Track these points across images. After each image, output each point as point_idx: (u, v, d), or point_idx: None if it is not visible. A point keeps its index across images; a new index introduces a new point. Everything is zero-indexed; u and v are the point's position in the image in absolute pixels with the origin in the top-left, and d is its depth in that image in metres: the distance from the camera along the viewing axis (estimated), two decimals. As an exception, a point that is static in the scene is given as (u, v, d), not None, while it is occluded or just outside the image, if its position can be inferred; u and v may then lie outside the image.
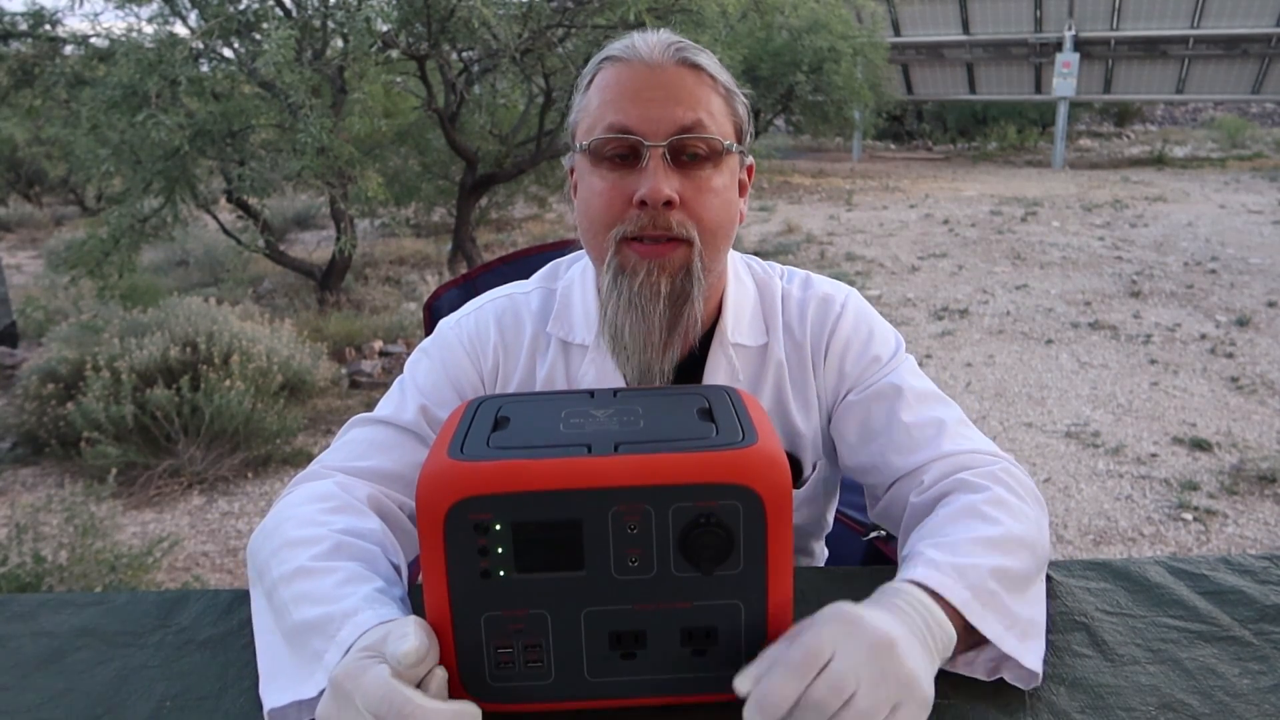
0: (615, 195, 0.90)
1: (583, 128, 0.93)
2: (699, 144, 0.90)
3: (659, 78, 0.90)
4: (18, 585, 2.30)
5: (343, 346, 4.94)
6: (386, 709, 0.57)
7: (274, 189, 5.42)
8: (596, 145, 0.90)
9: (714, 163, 0.91)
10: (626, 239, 0.90)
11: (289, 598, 0.70)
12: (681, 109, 0.89)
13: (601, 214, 0.91)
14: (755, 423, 0.68)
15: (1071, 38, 14.43)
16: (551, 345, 1.01)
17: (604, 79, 0.92)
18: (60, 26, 5.18)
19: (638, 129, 0.89)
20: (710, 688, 0.66)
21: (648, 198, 0.87)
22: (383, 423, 0.95)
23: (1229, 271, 6.84)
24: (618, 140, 0.89)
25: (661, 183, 0.87)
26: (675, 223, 0.89)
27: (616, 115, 0.89)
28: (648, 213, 0.88)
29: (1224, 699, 0.68)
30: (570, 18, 5.37)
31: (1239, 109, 20.45)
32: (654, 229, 0.89)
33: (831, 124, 13.11)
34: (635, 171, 0.89)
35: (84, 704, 0.69)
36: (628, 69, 0.91)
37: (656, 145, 0.88)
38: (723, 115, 0.92)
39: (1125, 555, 2.53)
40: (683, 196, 0.89)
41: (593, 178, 0.92)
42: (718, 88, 0.93)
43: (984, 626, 0.70)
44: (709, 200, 0.91)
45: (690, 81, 0.91)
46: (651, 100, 0.89)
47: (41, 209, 10.48)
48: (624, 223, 0.90)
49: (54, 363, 3.87)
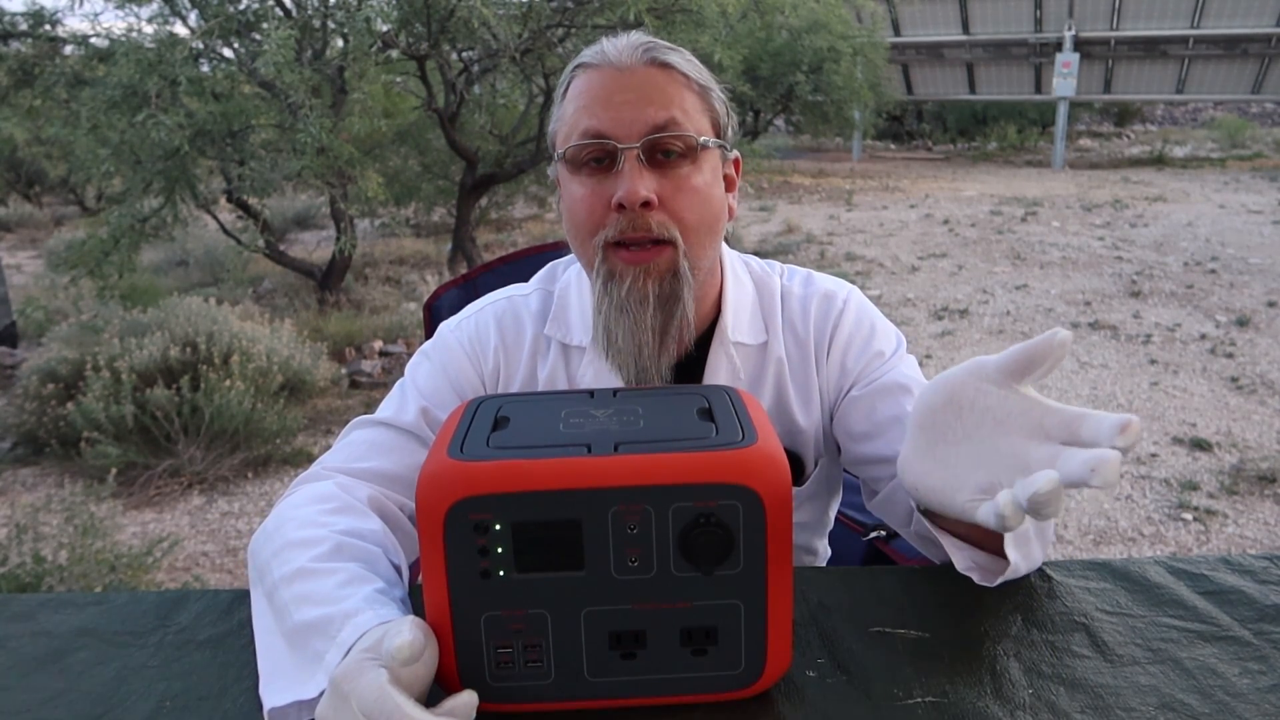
0: (595, 201, 0.90)
1: (560, 136, 0.94)
2: (673, 142, 0.90)
3: (629, 80, 0.90)
4: (18, 585, 2.30)
5: (343, 346, 4.94)
6: (378, 714, 0.57)
7: (274, 189, 5.42)
8: (573, 153, 0.91)
9: (691, 160, 0.91)
10: (611, 244, 0.90)
11: (290, 599, 0.70)
12: (653, 109, 0.89)
13: (584, 220, 0.91)
14: (755, 422, 0.68)
15: (1071, 38, 14.43)
16: (552, 347, 1.01)
17: (577, 86, 0.93)
18: (60, 26, 5.18)
19: (610, 132, 0.89)
20: (710, 687, 0.66)
21: (624, 200, 0.87)
22: (383, 424, 0.95)
23: (1229, 271, 6.84)
24: (592, 145, 0.90)
25: (637, 184, 0.87)
26: (655, 224, 0.89)
27: (590, 121, 0.90)
28: (627, 215, 0.88)
29: (1224, 699, 0.68)
30: (570, 18, 5.37)
31: (1239, 109, 20.45)
32: (634, 232, 0.89)
33: (831, 124, 13.11)
34: (612, 175, 0.89)
35: (84, 704, 0.69)
36: (598, 74, 0.91)
37: (630, 147, 0.88)
38: (697, 112, 0.92)
39: (1125, 555, 2.52)
40: (661, 196, 0.89)
41: (572, 185, 0.92)
42: (690, 85, 0.93)
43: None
44: (688, 199, 0.91)
45: (660, 80, 0.91)
46: (623, 103, 0.89)
47: (41, 209, 10.48)
48: (606, 228, 0.90)
49: (54, 363, 3.87)
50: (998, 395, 0.65)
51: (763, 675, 0.66)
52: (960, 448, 0.67)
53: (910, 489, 0.72)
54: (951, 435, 0.67)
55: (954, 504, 0.67)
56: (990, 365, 0.66)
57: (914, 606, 0.80)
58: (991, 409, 0.66)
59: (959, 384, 0.67)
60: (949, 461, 0.68)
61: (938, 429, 0.68)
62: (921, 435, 0.70)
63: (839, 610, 0.79)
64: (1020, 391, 0.65)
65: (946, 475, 0.68)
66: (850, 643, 0.74)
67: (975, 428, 0.66)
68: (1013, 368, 0.64)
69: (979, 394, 0.66)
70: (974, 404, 0.66)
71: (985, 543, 0.81)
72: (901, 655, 0.73)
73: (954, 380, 0.67)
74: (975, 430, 0.66)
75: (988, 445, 0.66)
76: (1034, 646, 0.74)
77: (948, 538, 0.81)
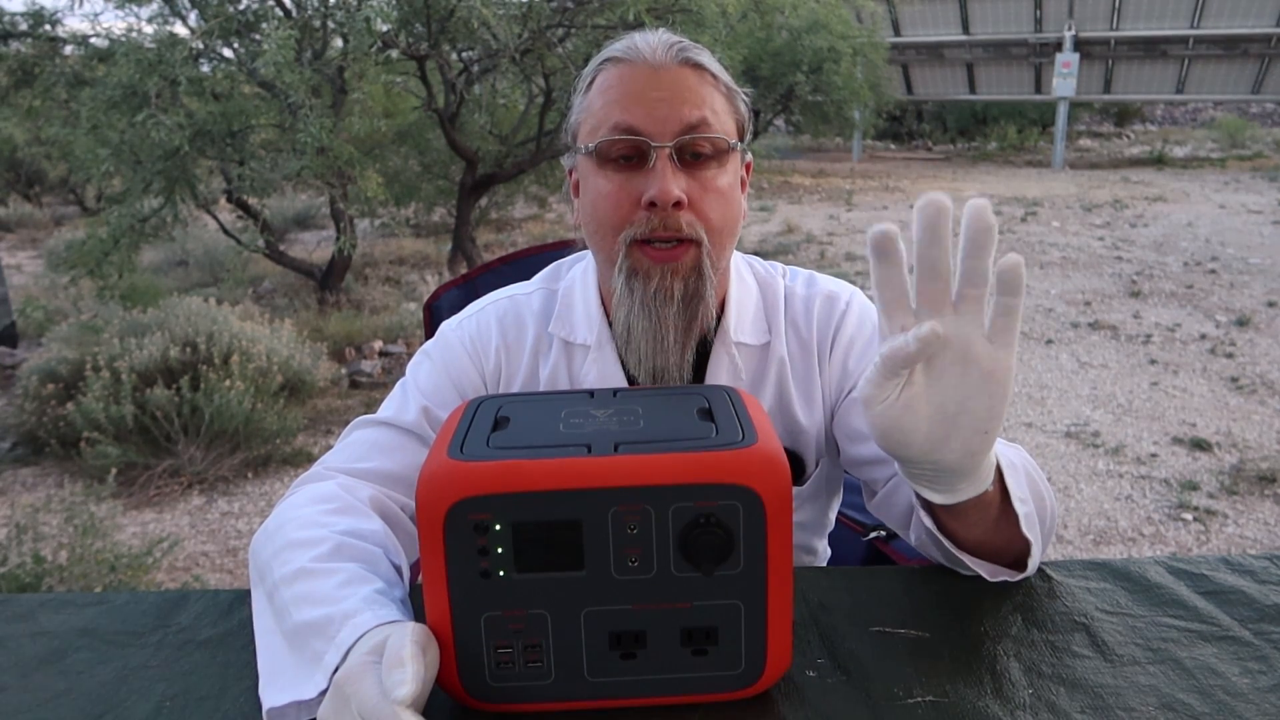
0: (623, 197, 0.90)
1: (585, 129, 0.93)
2: (704, 143, 0.90)
3: (663, 78, 0.90)
4: (18, 585, 2.30)
5: (343, 346, 4.94)
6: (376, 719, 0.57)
7: (274, 189, 5.42)
8: (603, 147, 0.90)
9: (719, 161, 0.91)
10: (637, 242, 0.90)
11: (290, 599, 0.71)
12: (687, 108, 0.89)
13: (610, 216, 0.91)
14: (755, 423, 0.68)
15: (1071, 38, 14.43)
16: (554, 346, 1.01)
17: (606, 80, 0.92)
18: (60, 26, 5.18)
19: (644, 129, 0.89)
20: (710, 688, 0.66)
21: (657, 199, 0.87)
22: (384, 424, 0.95)
23: (1229, 271, 6.84)
24: (624, 141, 0.89)
25: (670, 183, 0.87)
26: (685, 223, 0.89)
27: (622, 116, 0.89)
28: (657, 214, 0.88)
29: (1224, 699, 0.68)
30: (570, 18, 5.37)
31: (1239, 109, 20.44)
32: (664, 231, 0.89)
33: (831, 124, 13.11)
34: (642, 173, 0.89)
35: (84, 704, 0.69)
36: (630, 70, 0.91)
37: (663, 146, 0.88)
38: (725, 113, 0.93)
39: (1125, 555, 2.52)
40: (690, 197, 0.89)
41: (599, 179, 0.92)
42: (719, 86, 0.93)
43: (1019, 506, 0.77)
44: (715, 200, 0.91)
45: (694, 81, 0.91)
46: (657, 100, 0.89)
47: (41, 209, 10.48)
48: (633, 225, 0.90)
49: (54, 363, 3.87)
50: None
51: (763, 675, 0.66)
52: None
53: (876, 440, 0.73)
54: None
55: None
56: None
57: (914, 606, 0.80)
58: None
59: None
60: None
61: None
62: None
63: (839, 610, 0.79)
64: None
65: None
66: (850, 643, 0.74)
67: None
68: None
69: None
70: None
71: (990, 544, 0.81)
72: (901, 655, 0.73)
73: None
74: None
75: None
76: (1034, 646, 0.74)
77: (950, 544, 0.81)
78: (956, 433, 0.69)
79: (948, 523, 0.80)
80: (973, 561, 0.81)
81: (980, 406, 0.68)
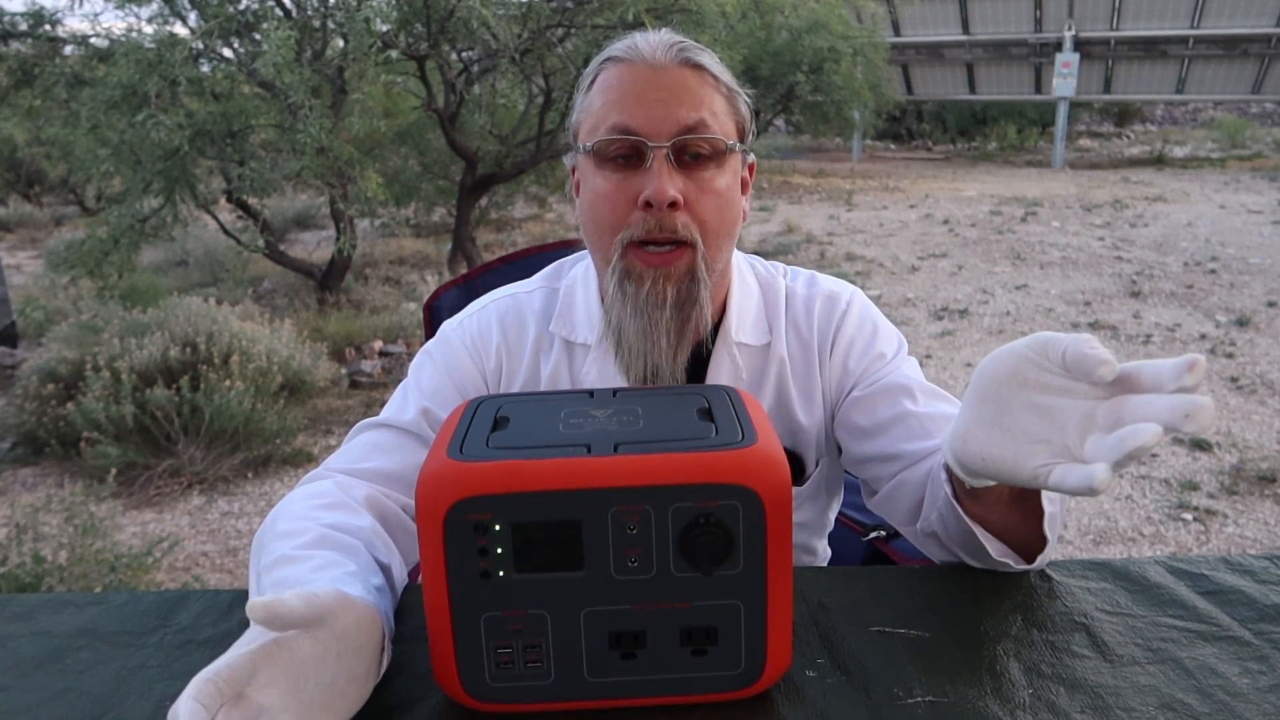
0: (620, 197, 0.90)
1: (585, 128, 0.93)
2: (702, 144, 0.90)
3: (662, 78, 0.90)
4: (18, 585, 2.30)
5: (343, 346, 4.94)
6: (264, 613, 0.57)
7: (274, 189, 5.42)
8: (600, 146, 0.90)
9: (717, 163, 0.91)
10: (633, 244, 0.90)
11: (269, 584, 0.72)
12: (685, 109, 0.89)
13: (606, 216, 0.91)
14: (755, 423, 0.68)
15: (1071, 38, 14.42)
16: (555, 345, 1.01)
17: (606, 79, 0.92)
18: (60, 26, 5.18)
19: (641, 130, 0.89)
20: (710, 688, 0.66)
21: (652, 199, 0.87)
22: (384, 425, 0.96)
23: (1229, 271, 6.84)
24: (621, 141, 0.89)
25: (666, 184, 0.88)
26: (680, 225, 0.89)
27: (620, 116, 0.89)
28: (653, 214, 0.88)
29: (1224, 699, 0.68)
30: (570, 18, 5.37)
31: (1239, 109, 20.43)
32: (660, 232, 0.89)
33: (831, 124, 13.09)
34: (639, 172, 0.89)
35: (84, 704, 0.69)
36: (630, 69, 0.91)
37: (660, 146, 0.88)
38: (725, 115, 0.93)
39: (1125, 555, 2.52)
40: (686, 197, 0.89)
41: (596, 179, 0.92)
42: (720, 87, 0.93)
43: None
44: (711, 201, 0.91)
45: (693, 81, 0.91)
46: (655, 101, 0.89)
47: (41, 209, 10.47)
48: (629, 226, 0.90)
49: (54, 363, 3.87)
50: (1060, 370, 0.67)
51: (763, 675, 0.66)
52: (1025, 416, 0.68)
53: (970, 460, 0.72)
54: (1017, 404, 0.68)
55: (1023, 471, 0.68)
56: (1056, 351, 0.66)
57: (914, 606, 0.80)
58: (1057, 381, 0.67)
59: (1024, 359, 0.68)
60: (1016, 430, 0.68)
61: (1003, 400, 0.69)
62: (984, 406, 0.70)
63: (839, 610, 0.79)
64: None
65: (1015, 444, 0.68)
66: (850, 643, 0.74)
67: (1041, 395, 0.67)
68: (1081, 369, 0.65)
69: (1044, 371, 0.67)
70: (1039, 380, 0.67)
71: (1015, 530, 0.82)
72: (901, 655, 0.73)
73: (1019, 354, 0.68)
74: (1041, 398, 0.67)
75: (1054, 411, 0.67)
76: (1034, 646, 0.74)
77: (980, 528, 0.81)
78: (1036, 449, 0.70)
79: (972, 506, 0.81)
80: (985, 537, 0.82)
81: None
